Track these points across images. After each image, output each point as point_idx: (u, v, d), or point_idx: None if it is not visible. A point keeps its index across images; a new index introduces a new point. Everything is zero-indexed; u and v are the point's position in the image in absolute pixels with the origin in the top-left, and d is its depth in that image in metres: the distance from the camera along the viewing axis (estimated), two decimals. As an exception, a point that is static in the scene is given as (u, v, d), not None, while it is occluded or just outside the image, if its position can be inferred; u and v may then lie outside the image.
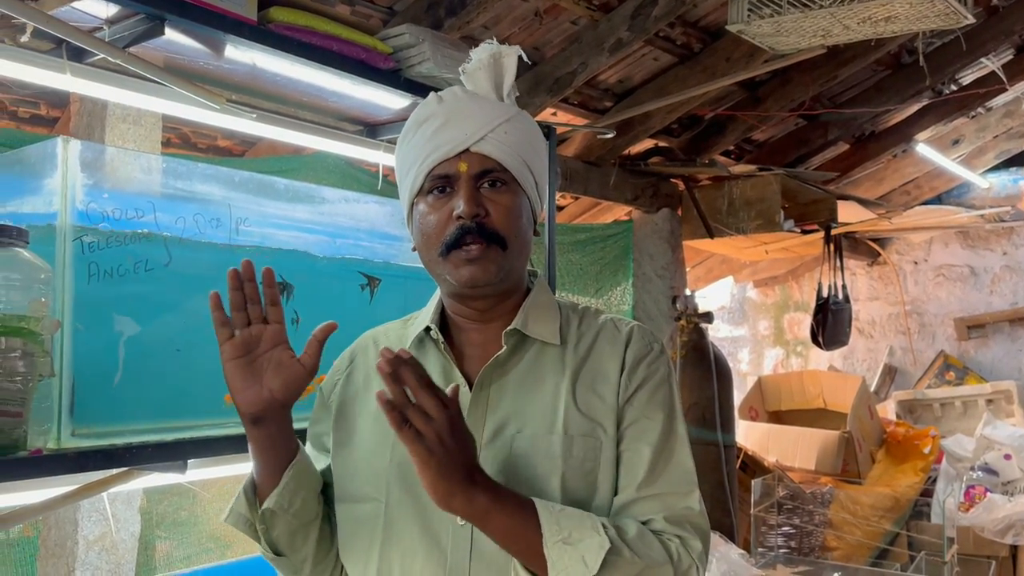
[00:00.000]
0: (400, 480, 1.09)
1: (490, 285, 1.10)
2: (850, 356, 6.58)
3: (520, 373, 1.12)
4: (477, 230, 1.07)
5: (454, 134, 1.08)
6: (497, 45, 1.14)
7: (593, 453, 1.08)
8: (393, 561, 1.08)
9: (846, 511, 3.96)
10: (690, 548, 1.05)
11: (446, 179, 1.09)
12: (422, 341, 1.16)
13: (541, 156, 1.16)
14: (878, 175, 5.49)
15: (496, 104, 1.12)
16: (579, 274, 4.05)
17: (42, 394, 1.22)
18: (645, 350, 1.15)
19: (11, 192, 1.39)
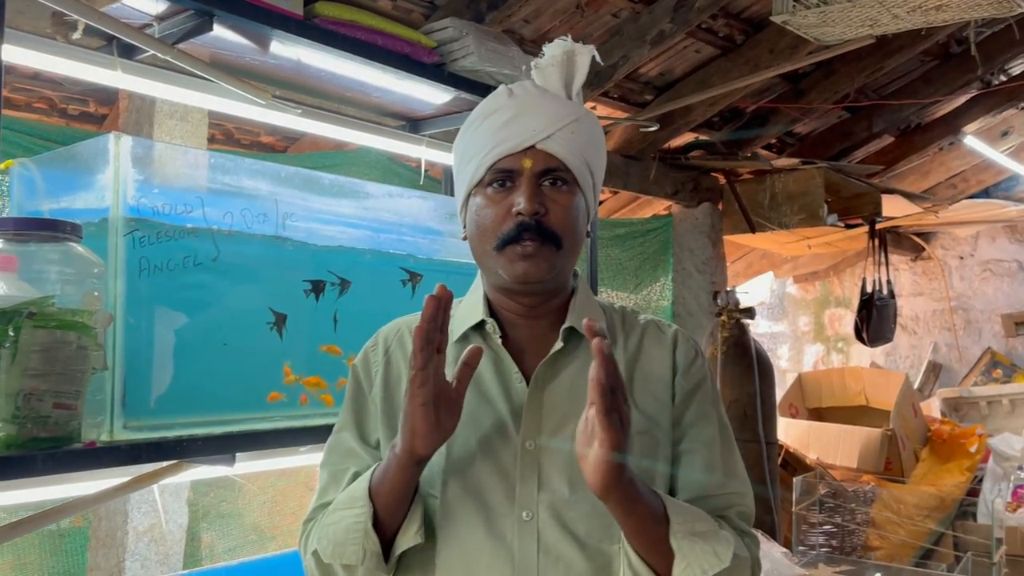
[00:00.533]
0: (459, 477, 1.07)
1: (541, 282, 1.09)
2: (893, 353, 6.46)
3: (574, 370, 1.11)
4: (535, 228, 1.06)
5: (522, 129, 1.08)
6: (571, 42, 1.13)
7: (651, 451, 1.09)
8: (455, 559, 1.05)
9: (889, 510, 3.89)
10: (754, 545, 1.08)
11: (508, 173, 1.08)
12: (465, 335, 1.15)
13: (602, 158, 1.16)
14: (924, 168, 5.38)
15: (565, 103, 1.12)
16: (618, 269, 4.03)
17: (95, 387, 1.24)
18: (692, 354, 1.17)
19: (65, 188, 1.41)
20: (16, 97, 2.63)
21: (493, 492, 1.06)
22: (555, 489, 1.05)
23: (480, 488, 1.05)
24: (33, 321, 1.15)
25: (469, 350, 0.96)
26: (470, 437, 1.08)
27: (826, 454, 4.34)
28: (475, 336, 1.15)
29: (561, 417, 1.08)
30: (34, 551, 2.11)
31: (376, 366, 1.17)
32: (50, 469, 1.13)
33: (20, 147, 1.92)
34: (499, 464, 1.07)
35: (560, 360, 1.12)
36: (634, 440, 1.06)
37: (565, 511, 1.05)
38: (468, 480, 1.07)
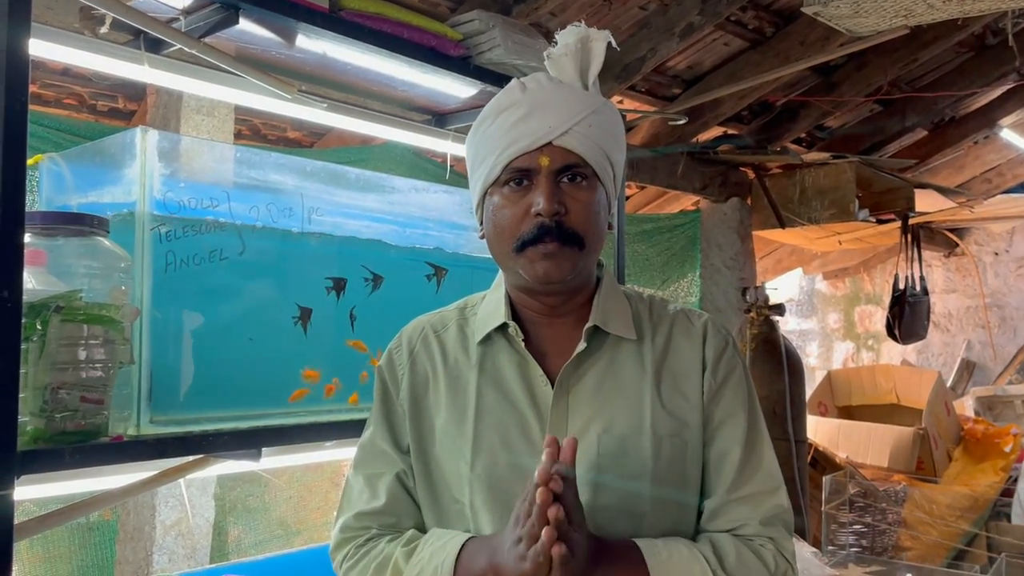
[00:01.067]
0: (485, 486, 1.05)
1: (564, 283, 1.06)
2: (925, 350, 6.36)
3: (600, 371, 1.08)
4: (556, 229, 1.03)
5: (537, 126, 1.03)
6: (585, 28, 1.08)
7: (681, 453, 1.06)
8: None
9: (921, 510, 3.84)
10: (784, 550, 1.03)
11: (525, 172, 1.04)
12: (488, 336, 1.11)
13: (622, 147, 1.12)
14: (958, 162, 5.29)
15: (581, 94, 1.07)
16: (645, 265, 4.00)
17: (122, 381, 1.24)
18: (722, 345, 1.11)
19: (92, 182, 1.41)
20: (46, 93, 2.66)
21: (519, 498, 1.02)
22: (580, 494, 1.01)
23: (506, 494, 1.03)
24: (61, 315, 1.15)
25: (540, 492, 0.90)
26: (495, 442, 1.06)
27: (856, 453, 4.29)
28: (499, 337, 1.11)
29: (586, 420, 1.06)
30: (64, 544, 2.13)
31: (402, 368, 1.14)
32: (78, 463, 1.13)
33: (50, 142, 1.94)
34: (524, 469, 1.04)
35: (584, 361, 1.08)
36: (664, 443, 1.05)
37: (590, 517, 1.01)
38: (494, 486, 1.04)
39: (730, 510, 1.05)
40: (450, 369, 1.12)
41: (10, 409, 1.04)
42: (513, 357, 1.10)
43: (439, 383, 1.11)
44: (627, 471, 1.03)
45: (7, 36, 1.05)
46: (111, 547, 2.18)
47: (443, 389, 1.10)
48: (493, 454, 1.05)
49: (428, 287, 1.70)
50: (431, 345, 1.15)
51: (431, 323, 1.18)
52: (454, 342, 1.14)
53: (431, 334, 1.16)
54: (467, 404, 1.08)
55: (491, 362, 1.11)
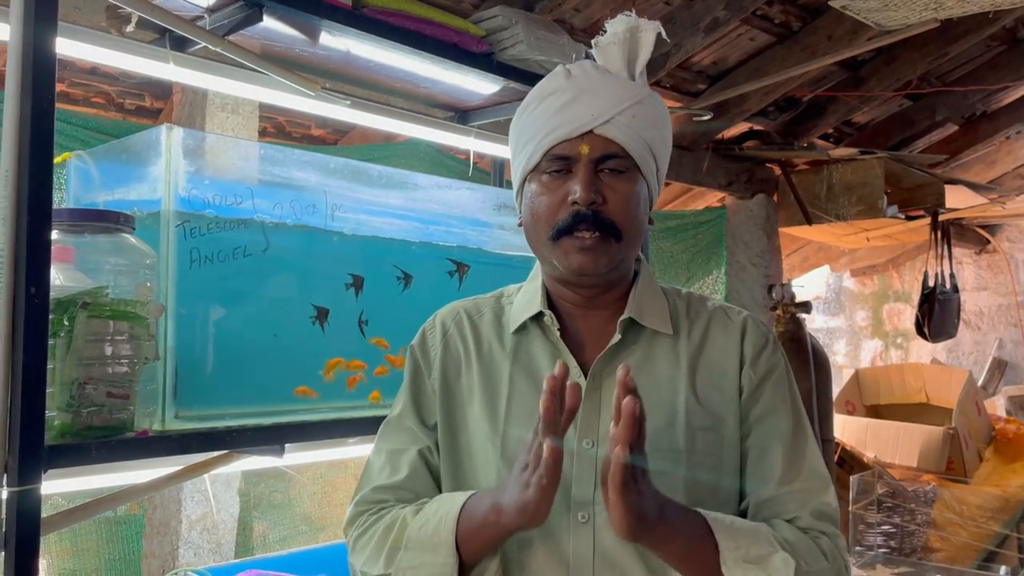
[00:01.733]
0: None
1: (600, 275, 1.05)
2: (955, 349, 6.27)
3: (634, 363, 1.06)
4: (592, 218, 1.01)
5: (579, 113, 1.02)
6: (636, 18, 1.07)
7: (715, 447, 1.04)
8: (511, 557, 1.02)
9: (951, 511, 3.78)
10: (839, 546, 1.01)
11: (565, 160, 1.03)
12: (523, 325, 1.11)
13: (667, 142, 1.10)
14: (989, 158, 5.20)
15: (627, 84, 1.05)
16: (670, 262, 3.97)
17: (147, 377, 1.25)
18: (762, 342, 1.10)
19: (119, 180, 1.43)
20: (75, 92, 2.69)
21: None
22: None
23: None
24: (87, 311, 1.16)
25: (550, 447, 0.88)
26: (524, 432, 1.03)
27: (885, 452, 4.24)
28: (533, 327, 1.11)
29: None
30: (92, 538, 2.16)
31: (435, 349, 1.14)
32: (104, 457, 1.14)
33: (78, 140, 1.96)
34: None
35: (619, 353, 1.07)
36: (698, 437, 1.03)
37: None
38: None
39: (778, 503, 1.03)
40: (484, 355, 1.11)
41: (38, 404, 1.05)
42: (547, 347, 1.09)
43: (472, 368, 1.11)
44: (661, 464, 1.01)
45: (34, 35, 1.07)
46: (138, 541, 2.21)
47: (476, 375, 1.10)
48: (522, 443, 1.03)
49: (450, 284, 1.70)
50: (465, 329, 1.14)
51: (466, 308, 1.17)
52: (488, 329, 1.13)
53: (465, 319, 1.15)
54: (499, 392, 1.07)
55: (525, 351, 1.10)
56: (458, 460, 1.09)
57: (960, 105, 4.35)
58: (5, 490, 1.02)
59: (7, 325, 1.04)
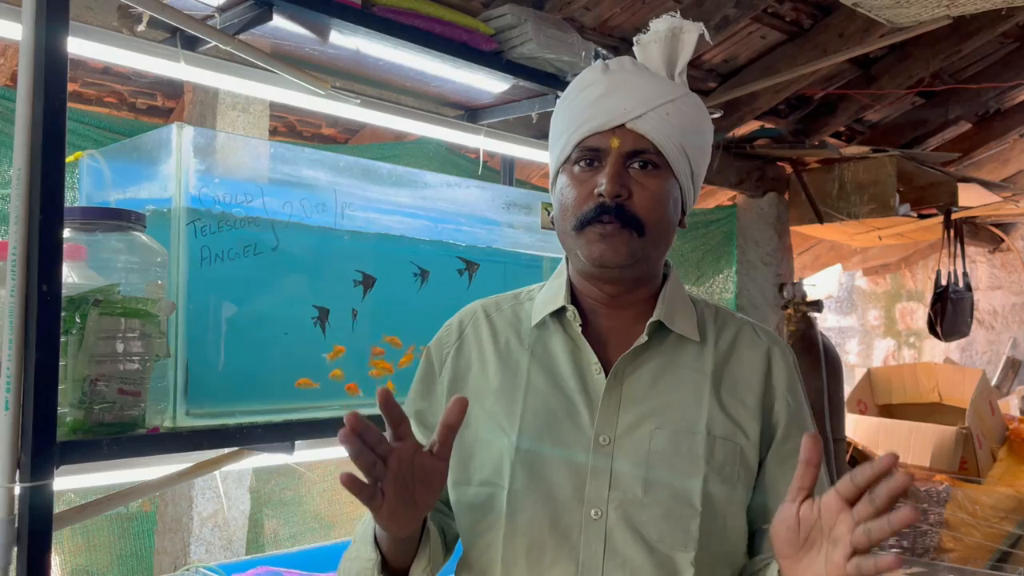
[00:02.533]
0: (526, 468, 1.03)
1: (619, 268, 1.04)
2: (968, 348, 6.23)
3: (657, 366, 1.06)
4: (615, 211, 1.01)
5: (612, 107, 1.02)
6: (680, 19, 1.07)
7: (733, 457, 1.03)
8: (519, 554, 1.02)
9: (964, 511, 3.77)
10: None
11: (595, 152, 1.04)
12: (543, 321, 1.11)
13: (704, 145, 1.09)
14: (1003, 156, 5.16)
15: (663, 82, 1.05)
16: (680, 261, 3.96)
17: (158, 374, 1.26)
18: (792, 365, 1.11)
19: (130, 178, 1.44)
20: (87, 91, 2.71)
21: (562, 486, 1.01)
22: (627, 488, 1.00)
23: (548, 481, 1.01)
24: (99, 308, 1.17)
25: (454, 402, 0.90)
26: (541, 427, 1.04)
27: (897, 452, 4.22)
28: (553, 323, 1.10)
29: (639, 414, 1.03)
30: (104, 534, 2.17)
31: (448, 348, 1.14)
32: (115, 454, 1.15)
33: (91, 140, 1.98)
34: (570, 457, 1.02)
35: (643, 354, 1.06)
36: (718, 445, 1.03)
37: (637, 513, 1.00)
38: (536, 471, 1.02)
39: None
40: (501, 351, 1.11)
41: (50, 401, 1.06)
42: (567, 343, 1.09)
43: (487, 364, 1.11)
44: (679, 469, 1.01)
45: (46, 35, 1.07)
46: (150, 537, 2.22)
47: (492, 370, 1.10)
48: (539, 437, 1.04)
49: (460, 282, 1.71)
50: (481, 327, 1.14)
51: (484, 306, 1.18)
52: (506, 324, 1.14)
53: (483, 317, 1.16)
54: (517, 386, 1.08)
55: (543, 346, 1.10)
56: (465, 459, 1.08)
57: (973, 103, 4.32)
58: (18, 486, 1.03)
59: (20, 323, 1.05)
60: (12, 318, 1.04)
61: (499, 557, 1.03)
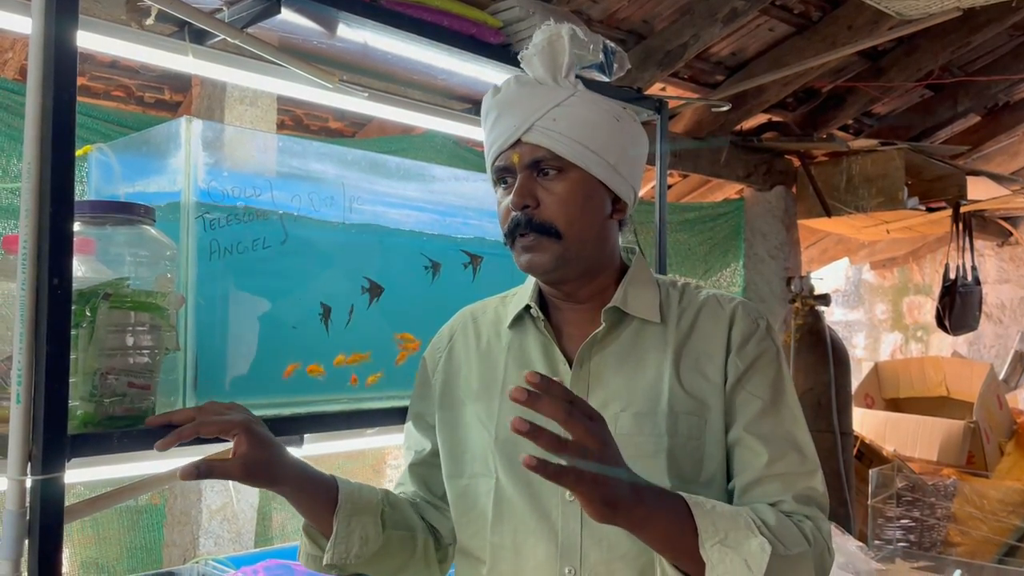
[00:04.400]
0: (505, 458, 1.11)
1: (548, 273, 1.10)
2: (976, 342, 6.21)
3: (620, 351, 1.11)
4: (526, 222, 1.08)
5: (505, 126, 1.10)
6: (555, 26, 1.13)
7: (698, 431, 1.07)
8: (506, 536, 1.10)
9: (971, 505, 3.76)
10: (822, 529, 1.03)
11: (506, 171, 1.12)
12: (521, 319, 1.18)
13: (612, 134, 1.11)
14: (1012, 148, 5.13)
15: (546, 90, 1.10)
16: (687, 254, 3.96)
17: (168, 367, 1.26)
18: (751, 328, 1.11)
19: (139, 172, 1.44)
20: (95, 85, 2.72)
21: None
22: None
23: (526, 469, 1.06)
24: (109, 302, 1.17)
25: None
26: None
27: (904, 446, 4.21)
28: (528, 321, 1.18)
29: (604, 399, 1.09)
30: (114, 527, 2.19)
31: (440, 353, 1.24)
32: (125, 447, 1.15)
33: (99, 133, 1.98)
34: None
35: (604, 341, 1.12)
36: (680, 421, 1.06)
37: None
38: (515, 461, 1.09)
39: (763, 487, 1.05)
40: (482, 351, 1.20)
41: (61, 394, 1.06)
42: (539, 338, 1.16)
43: (472, 365, 1.19)
44: (644, 448, 1.05)
45: (55, 29, 1.07)
46: (159, 530, 2.23)
47: (475, 370, 1.18)
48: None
49: (464, 275, 1.70)
50: (468, 331, 1.24)
51: (473, 311, 1.27)
52: (489, 325, 1.22)
53: (470, 321, 1.25)
54: (495, 383, 1.15)
55: (519, 343, 1.17)
56: (458, 454, 1.17)
57: (982, 95, 4.30)
58: (29, 478, 1.03)
59: (31, 316, 1.05)
60: (23, 312, 1.04)
61: (488, 541, 1.11)
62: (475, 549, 1.14)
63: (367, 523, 1.13)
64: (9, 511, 1.02)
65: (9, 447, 1.02)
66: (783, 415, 1.08)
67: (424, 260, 1.61)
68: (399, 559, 1.18)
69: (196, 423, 1.07)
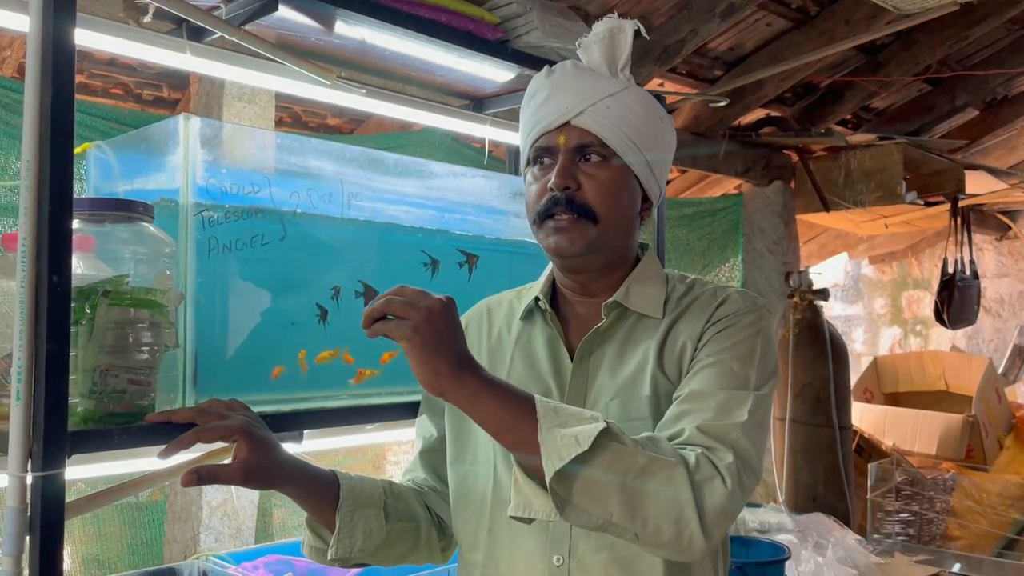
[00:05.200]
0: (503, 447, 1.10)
1: (577, 257, 1.11)
2: (975, 336, 6.22)
3: (619, 345, 1.13)
4: (565, 202, 1.09)
5: (555, 107, 1.11)
6: (617, 20, 1.15)
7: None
8: (503, 526, 1.11)
9: (970, 499, 3.77)
10: (716, 459, 0.94)
11: (547, 151, 1.13)
12: (531, 312, 1.20)
13: (656, 134, 1.14)
14: (1011, 143, 5.13)
15: (604, 79, 1.13)
16: (686, 250, 3.96)
17: (167, 364, 1.26)
18: (734, 308, 1.10)
19: (138, 169, 1.44)
20: (93, 83, 2.71)
21: None
22: None
23: None
24: (108, 299, 1.17)
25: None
26: None
27: (903, 440, 4.22)
28: (537, 313, 1.20)
29: (599, 390, 1.10)
30: (114, 523, 2.19)
31: None
32: (125, 443, 1.16)
33: (97, 131, 1.98)
34: None
35: (606, 335, 1.13)
36: (662, 403, 1.05)
37: None
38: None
39: (670, 419, 1.00)
40: (492, 343, 1.22)
41: (61, 391, 1.07)
42: (545, 331, 1.17)
43: (481, 355, 1.21)
44: (631, 432, 1.02)
45: (53, 27, 1.07)
46: (160, 527, 2.24)
47: (484, 360, 1.17)
48: None
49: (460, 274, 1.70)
50: (482, 323, 1.26)
51: (489, 303, 1.29)
52: (501, 318, 1.24)
53: (485, 313, 1.27)
54: (500, 373, 1.16)
55: (527, 336, 1.19)
56: (462, 440, 1.19)
57: (981, 89, 4.30)
58: (30, 475, 1.04)
59: (31, 313, 1.05)
60: (22, 309, 1.05)
61: (486, 527, 1.13)
62: (471, 535, 1.16)
63: (370, 517, 1.14)
64: (10, 507, 1.02)
65: (10, 444, 1.03)
66: (733, 377, 1.01)
67: (423, 257, 1.61)
68: (402, 548, 1.19)
69: (197, 431, 1.08)
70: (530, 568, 1.09)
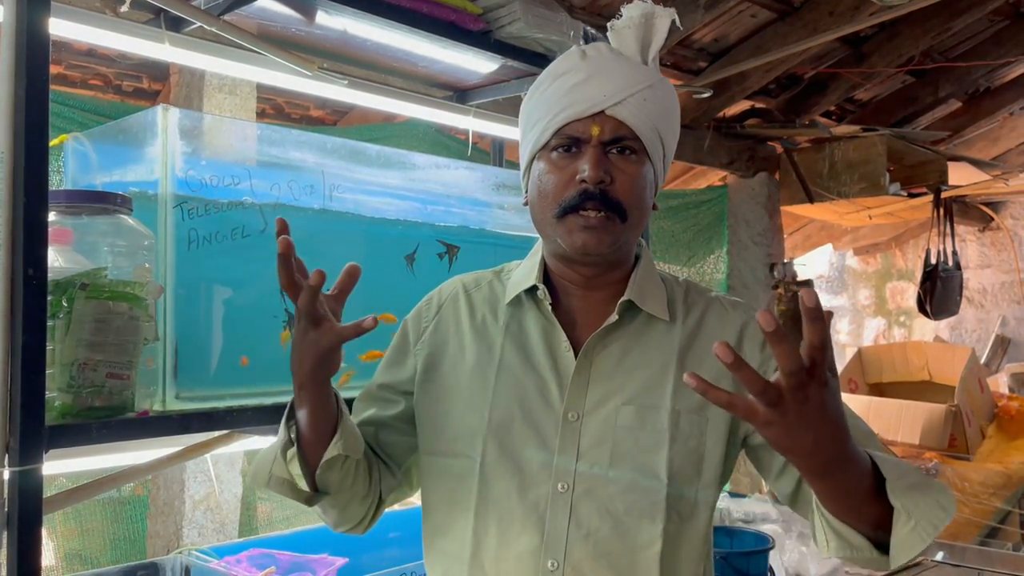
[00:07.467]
0: (497, 442, 1.06)
1: (602, 255, 1.06)
2: (958, 327, 6.27)
3: (625, 345, 1.09)
4: (600, 197, 1.02)
5: (592, 93, 1.03)
6: (651, 4, 1.08)
7: (699, 430, 1.05)
8: (490, 524, 1.06)
9: (953, 488, 3.80)
10: None
11: (575, 139, 1.05)
12: (519, 299, 1.13)
13: (675, 129, 1.11)
14: (993, 134, 5.17)
15: (640, 68, 1.06)
16: (671, 242, 3.97)
17: (147, 357, 1.25)
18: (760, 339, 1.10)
19: (116, 161, 1.43)
20: (72, 74, 2.68)
21: (531, 460, 1.05)
22: (594, 462, 1.04)
23: (518, 455, 1.05)
24: (86, 292, 1.16)
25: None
26: (512, 402, 1.07)
27: (887, 430, 4.25)
28: (528, 301, 1.13)
29: (606, 391, 1.06)
30: (97, 518, 2.18)
31: (427, 322, 1.17)
32: (104, 437, 1.15)
33: (76, 123, 1.96)
34: (539, 432, 1.06)
35: (612, 333, 1.09)
36: (682, 419, 1.04)
37: (603, 486, 1.03)
38: (507, 445, 1.06)
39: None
40: (477, 327, 1.14)
41: (38, 385, 1.06)
42: (540, 321, 1.11)
43: (463, 340, 1.14)
44: (644, 443, 1.03)
45: (27, 16, 1.06)
46: (142, 521, 2.22)
47: (468, 346, 1.13)
48: (509, 412, 1.07)
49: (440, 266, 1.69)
50: (459, 303, 1.17)
51: (464, 283, 1.20)
52: (483, 301, 1.16)
53: (462, 293, 1.18)
54: (490, 362, 1.10)
55: (517, 324, 1.13)
56: (438, 429, 1.12)
57: (963, 81, 4.33)
58: (7, 470, 1.03)
59: (6, 307, 1.04)
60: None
61: (471, 526, 1.06)
62: (456, 531, 1.09)
63: (359, 436, 1.09)
64: (-13, 503, 1.01)
65: (-14, 439, 1.02)
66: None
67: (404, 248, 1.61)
68: (364, 486, 1.12)
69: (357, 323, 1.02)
70: (519, 570, 1.04)
